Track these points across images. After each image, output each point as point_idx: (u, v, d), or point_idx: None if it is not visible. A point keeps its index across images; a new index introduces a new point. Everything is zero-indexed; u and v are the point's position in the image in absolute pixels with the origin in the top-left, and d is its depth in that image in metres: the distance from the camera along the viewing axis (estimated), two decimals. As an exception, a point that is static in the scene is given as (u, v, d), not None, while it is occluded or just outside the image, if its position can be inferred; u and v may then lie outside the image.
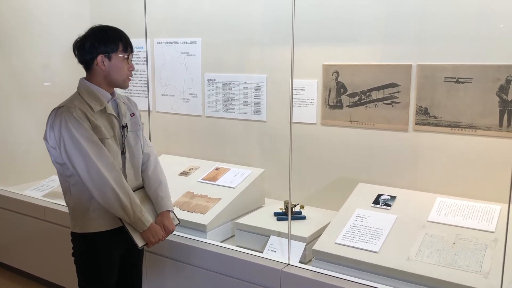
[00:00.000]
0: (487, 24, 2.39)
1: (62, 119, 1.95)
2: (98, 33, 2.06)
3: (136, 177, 2.22)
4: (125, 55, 2.07)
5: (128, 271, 2.28)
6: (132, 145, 2.19)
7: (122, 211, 2.00)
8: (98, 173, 1.95)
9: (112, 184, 1.97)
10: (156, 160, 2.35)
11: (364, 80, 2.76)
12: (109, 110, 2.09)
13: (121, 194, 1.99)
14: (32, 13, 3.74)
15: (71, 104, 2.00)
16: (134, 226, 2.07)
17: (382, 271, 2.09)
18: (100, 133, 2.01)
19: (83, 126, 1.96)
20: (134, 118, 2.23)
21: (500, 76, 2.38)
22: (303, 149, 3.04)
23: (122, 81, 2.10)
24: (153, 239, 2.11)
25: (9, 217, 3.45)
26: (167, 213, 2.25)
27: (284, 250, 2.42)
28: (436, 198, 2.50)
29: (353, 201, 2.59)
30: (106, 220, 2.07)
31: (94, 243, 2.09)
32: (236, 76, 3.30)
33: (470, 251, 2.08)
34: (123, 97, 2.27)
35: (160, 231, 2.15)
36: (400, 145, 2.72)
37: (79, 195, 2.05)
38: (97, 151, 1.97)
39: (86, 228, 2.08)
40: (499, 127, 2.42)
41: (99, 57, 2.03)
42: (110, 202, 1.98)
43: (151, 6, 3.36)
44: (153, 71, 3.71)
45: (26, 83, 3.79)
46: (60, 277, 3.22)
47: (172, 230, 2.24)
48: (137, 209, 2.05)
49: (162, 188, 2.28)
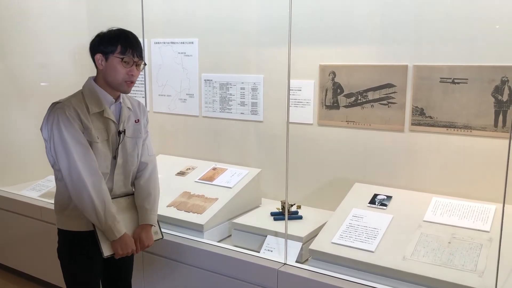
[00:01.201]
0: (483, 25, 2.41)
1: (55, 115, 1.97)
2: (104, 33, 2.07)
3: (125, 184, 2.19)
4: (121, 57, 2.02)
5: (114, 269, 2.26)
6: (128, 151, 2.16)
7: (94, 216, 1.99)
8: (77, 175, 1.96)
9: (89, 188, 1.97)
10: (153, 171, 2.29)
11: (361, 80, 2.78)
12: (107, 114, 2.07)
13: (96, 200, 1.98)
14: (29, 13, 3.74)
15: (68, 102, 2.00)
16: (105, 234, 2.04)
17: (378, 271, 2.10)
18: (89, 135, 2.00)
19: (73, 126, 1.96)
20: (137, 125, 2.21)
21: (495, 77, 2.40)
22: (300, 149, 3.05)
23: (118, 84, 2.05)
24: (121, 251, 2.06)
25: (6, 217, 3.45)
26: (147, 226, 2.18)
27: (281, 250, 2.43)
28: (431, 198, 2.52)
29: (349, 201, 2.60)
30: (84, 221, 2.05)
31: (72, 242, 2.10)
32: (233, 77, 3.31)
33: (465, 250, 2.09)
34: (134, 102, 2.25)
35: (132, 244, 2.09)
36: (396, 145, 2.73)
37: (62, 191, 2.08)
38: (82, 153, 1.97)
39: (65, 226, 2.10)
40: (494, 128, 2.43)
41: (97, 55, 2.04)
42: (84, 205, 1.98)
43: (148, 6, 3.36)
44: (150, 71, 3.72)
45: (23, 83, 3.78)
46: (57, 277, 3.21)
47: (148, 245, 2.17)
48: (110, 218, 2.02)
49: (150, 200, 2.22)
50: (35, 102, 3.78)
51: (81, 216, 2.04)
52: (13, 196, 3.42)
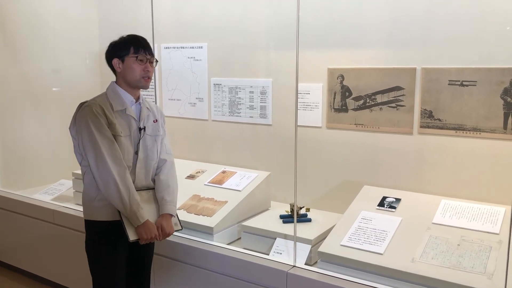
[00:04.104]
0: (491, 27, 2.41)
1: (83, 113, 2.15)
2: (115, 41, 2.27)
3: (146, 178, 2.34)
4: (135, 56, 2.21)
5: (136, 264, 2.36)
6: (148, 147, 2.33)
7: (120, 203, 2.13)
8: (104, 164, 2.11)
9: (115, 177, 2.12)
10: (171, 167, 2.46)
11: (369, 83, 2.78)
12: (129, 112, 2.26)
13: (121, 187, 2.13)
14: (43, 20, 3.80)
15: (94, 102, 2.19)
16: (130, 220, 2.17)
17: (387, 273, 2.10)
18: (114, 129, 2.18)
19: (99, 121, 2.14)
20: (156, 124, 2.38)
21: (504, 79, 2.39)
22: (308, 152, 3.06)
23: (136, 81, 2.24)
24: (145, 236, 2.18)
25: (19, 220, 3.50)
26: (168, 216, 2.32)
27: (290, 252, 2.44)
28: (440, 200, 2.52)
29: (358, 204, 2.61)
30: (110, 210, 2.19)
31: (98, 231, 2.23)
32: (242, 81, 3.33)
33: (474, 252, 2.09)
34: (152, 105, 2.43)
35: (154, 230, 2.22)
36: (405, 148, 2.73)
37: (89, 184, 2.23)
38: (108, 145, 2.13)
39: (91, 216, 2.24)
40: (504, 130, 2.43)
41: (114, 60, 2.25)
42: (110, 192, 2.13)
43: (158, 11, 3.40)
44: (160, 75, 3.76)
45: (36, 88, 3.84)
46: (70, 280, 3.26)
47: (170, 233, 2.30)
48: (134, 204, 2.16)
49: (169, 192, 2.36)
50: (47, 107, 3.84)
51: (107, 206, 2.19)
52: (26, 200, 3.47)
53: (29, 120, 3.82)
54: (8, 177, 3.78)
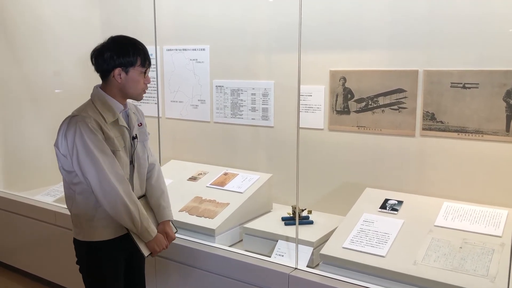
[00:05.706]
0: (493, 29, 2.41)
1: (77, 129, 1.95)
2: (118, 45, 2.06)
3: (141, 187, 2.25)
4: (142, 69, 2.08)
5: (132, 274, 2.30)
6: (140, 155, 2.21)
7: (130, 222, 2.04)
8: (109, 185, 1.98)
9: (122, 196, 2.00)
10: (159, 169, 2.38)
11: (371, 85, 2.78)
12: (121, 122, 2.10)
13: (131, 206, 2.02)
14: (43, 20, 3.81)
15: (86, 114, 2.00)
16: (140, 236, 2.10)
17: (389, 275, 2.10)
18: (112, 144, 2.03)
19: (97, 138, 1.97)
20: (141, 128, 2.25)
21: (507, 81, 2.39)
22: (310, 154, 3.06)
23: (137, 95, 2.12)
24: (157, 249, 2.15)
25: (21, 222, 3.50)
26: (168, 222, 2.29)
27: (291, 255, 2.44)
28: (443, 202, 2.51)
29: (360, 206, 2.61)
30: (111, 229, 2.09)
31: (99, 251, 2.11)
32: (244, 83, 3.33)
33: (477, 255, 2.08)
34: (132, 106, 2.26)
35: (164, 240, 2.20)
36: (407, 150, 2.73)
37: (84, 203, 2.07)
38: (109, 163, 1.99)
39: (91, 237, 2.09)
40: (506, 132, 2.42)
41: (116, 70, 2.04)
42: (119, 213, 2.01)
43: (161, 13, 3.41)
44: (162, 77, 3.76)
45: (37, 90, 3.85)
46: (71, 281, 3.26)
47: (173, 238, 2.30)
48: (145, 220, 2.09)
49: (164, 197, 2.31)
50: (49, 109, 3.84)
51: (110, 225, 2.08)
52: (28, 201, 3.47)
53: (31, 122, 3.82)
54: (10, 179, 3.78)
